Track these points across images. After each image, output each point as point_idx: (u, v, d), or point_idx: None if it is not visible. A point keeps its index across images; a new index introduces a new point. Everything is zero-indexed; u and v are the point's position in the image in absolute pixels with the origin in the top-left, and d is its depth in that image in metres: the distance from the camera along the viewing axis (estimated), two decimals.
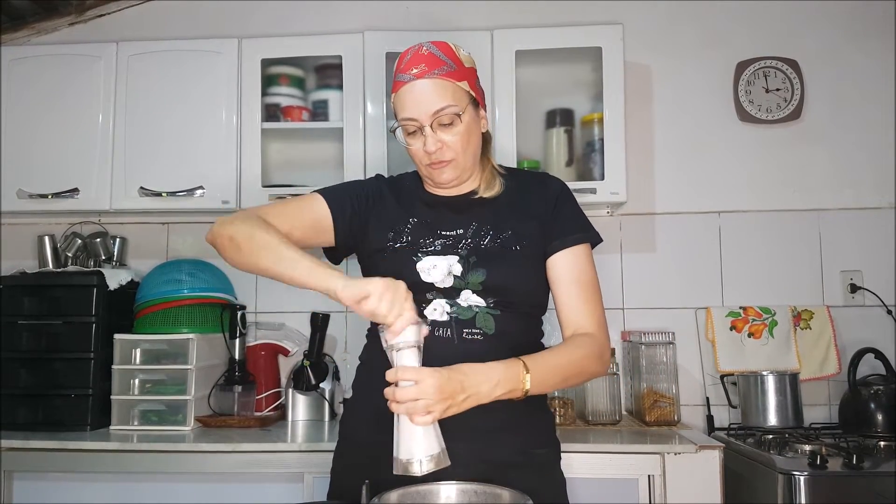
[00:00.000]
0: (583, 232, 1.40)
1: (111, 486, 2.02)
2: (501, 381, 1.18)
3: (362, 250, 1.44)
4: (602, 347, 1.34)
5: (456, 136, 1.34)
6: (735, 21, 2.55)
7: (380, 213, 1.42)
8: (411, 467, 1.07)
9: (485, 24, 2.40)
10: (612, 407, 2.20)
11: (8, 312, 2.24)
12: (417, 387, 1.08)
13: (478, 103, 1.39)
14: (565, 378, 1.31)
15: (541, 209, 1.41)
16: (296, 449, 1.99)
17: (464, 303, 1.31)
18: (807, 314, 2.41)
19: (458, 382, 1.13)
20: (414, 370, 1.10)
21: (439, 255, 1.34)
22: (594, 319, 1.35)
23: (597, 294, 1.38)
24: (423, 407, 1.08)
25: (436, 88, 1.32)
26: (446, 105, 1.31)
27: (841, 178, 2.48)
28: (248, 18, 2.64)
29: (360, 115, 2.32)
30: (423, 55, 1.33)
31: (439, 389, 1.09)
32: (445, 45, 1.37)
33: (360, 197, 1.44)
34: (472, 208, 1.41)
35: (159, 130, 2.35)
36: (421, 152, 1.35)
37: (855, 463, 1.79)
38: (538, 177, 1.50)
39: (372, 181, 1.51)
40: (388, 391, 1.10)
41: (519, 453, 1.30)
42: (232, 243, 1.28)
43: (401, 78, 1.35)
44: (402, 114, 1.35)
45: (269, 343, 2.44)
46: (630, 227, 2.51)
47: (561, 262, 1.37)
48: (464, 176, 1.41)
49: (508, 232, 1.37)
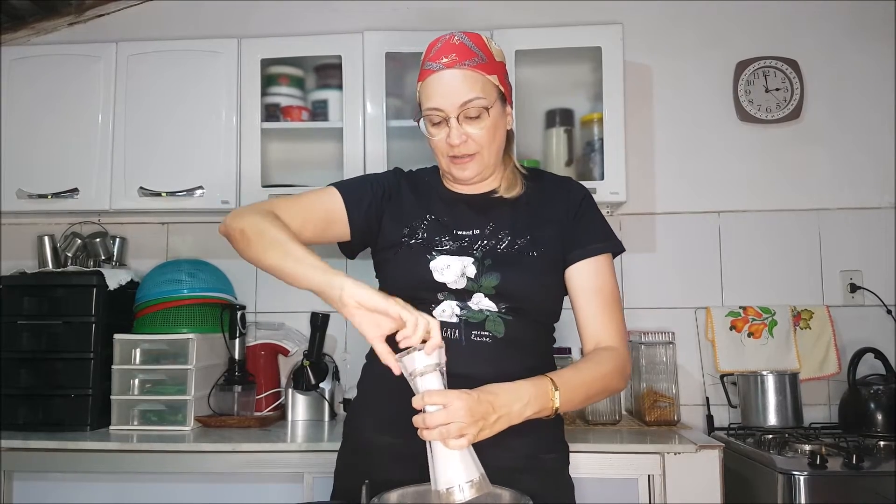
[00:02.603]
0: (605, 241, 1.37)
1: (111, 486, 2.02)
2: (531, 400, 1.14)
3: (376, 244, 1.40)
4: (625, 362, 1.31)
5: (482, 131, 1.30)
6: (735, 21, 2.55)
7: (396, 208, 1.39)
8: (452, 497, 1.00)
9: (485, 24, 2.39)
10: (611, 407, 2.20)
11: (8, 312, 2.24)
12: (447, 410, 1.03)
13: (505, 99, 1.35)
14: (590, 396, 1.27)
15: (561, 215, 1.37)
16: (296, 449, 1.99)
17: (475, 306, 1.29)
18: (807, 314, 2.41)
19: (488, 403, 1.08)
20: (441, 393, 1.04)
21: (454, 255, 1.31)
22: (616, 332, 1.32)
23: (618, 305, 1.34)
24: (457, 430, 1.03)
25: (465, 79, 1.28)
26: (475, 97, 1.28)
27: (841, 178, 2.48)
28: (247, 18, 2.64)
29: (359, 115, 2.32)
30: (454, 45, 1.30)
31: (470, 411, 1.04)
32: (478, 36, 1.33)
33: (376, 190, 1.40)
34: (491, 208, 1.38)
35: (159, 130, 2.35)
36: (444, 144, 1.32)
37: (855, 463, 1.79)
38: (561, 181, 1.45)
39: (390, 174, 1.46)
40: (417, 419, 1.04)
41: (526, 458, 1.27)
42: (243, 236, 1.25)
43: (429, 66, 1.30)
44: (427, 103, 1.31)
45: (269, 343, 2.44)
46: (630, 227, 2.51)
47: (582, 271, 1.34)
48: (485, 173, 1.37)
49: (527, 237, 1.33)
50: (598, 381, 1.26)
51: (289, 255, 1.19)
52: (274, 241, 1.22)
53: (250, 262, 1.27)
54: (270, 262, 1.21)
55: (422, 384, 1.05)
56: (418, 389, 1.06)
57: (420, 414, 1.05)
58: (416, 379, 1.05)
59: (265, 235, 1.23)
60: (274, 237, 1.22)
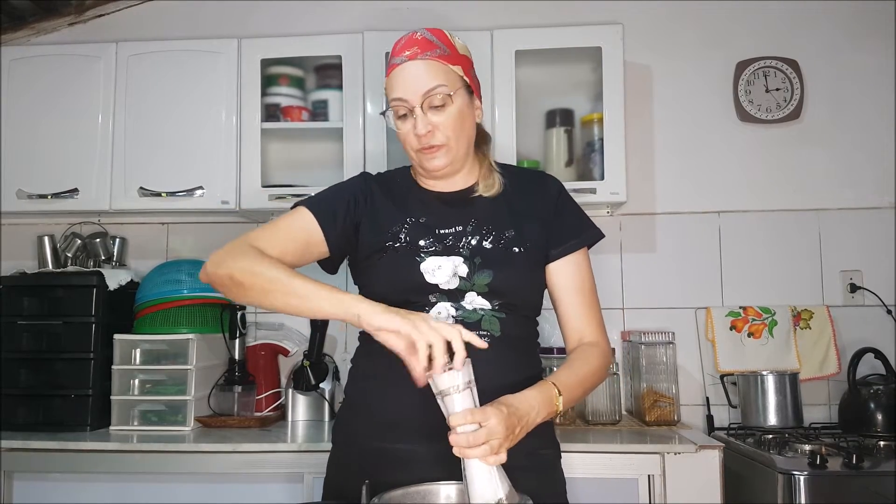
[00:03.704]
0: (581, 235, 1.39)
1: (111, 486, 2.02)
2: (541, 407, 1.18)
3: (356, 253, 1.39)
4: (607, 356, 1.37)
5: (447, 119, 1.31)
6: (735, 21, 2.55)
7: (372, 214, 1.38)
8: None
9: (485, 24, 2.40)
10: (611, 407, 2.20)
11: (8, 312, 2.24)
12: (487, 429, 1.04)
13: (472, 91, 1.37)
14: (584, 393, 1.33)
15: (542, 211, 1.39)
16: (296, 449, 1.99)
17: (469, 306, 1.29)
18: (807, 314, 2.41)
19: (515, 416, 1.11)
20: (480, 412, 1.05)
21: (441, 255, 1.31)
22: (598, 327, 1.37)
23: (596, 299, 1.40)
24: (497, 447, 1.05)
25: (427, 69, 1.30)
26: (437, 85, 1.29)
27: (841, 178, 2.48)
28: (247, 18, 2.64)
29: (359, 115, 2.32)
30: (416, 39, 1.32)
31: (507, 427, 1.07)
32: (440, 31, 1.36)
33: (348, 200, 1.38)
34: (470, 204, 1.39)
35: (159, 130, 2.35)
36: (411, 136, 1.33)
37: (855, 463, 1.79)
38: (535, 175, 1.48)
39: (358, 180, 1.44)
40: (457, 439, 1.03)
41: (526, 455, 1.26)
42: (233, 282, 1.22)
43: (393, 61, 1.33)
44: (392, 94, 1.32)
45: (269, 343, 2.44)
46: (630, 227, 2.51)
47: (562, 270, 1.37)
48: (456, 164, 1.37)
49: (511, 232, 1.34)
50: (590, 379, 1.31)
51: (291, 293, 1.17)
52: (270, 280, 1.19)
53: (248, 304, 1.26)
54: (274, 305, 1.20)
55: (458, 403, 1.04)
56: (451, 408, 1.05)
57: (459, 433, 1.04)
58: (449, 397, 1.04)
59: (258, 277, 1.20)
60: (269, 277, 1.19)
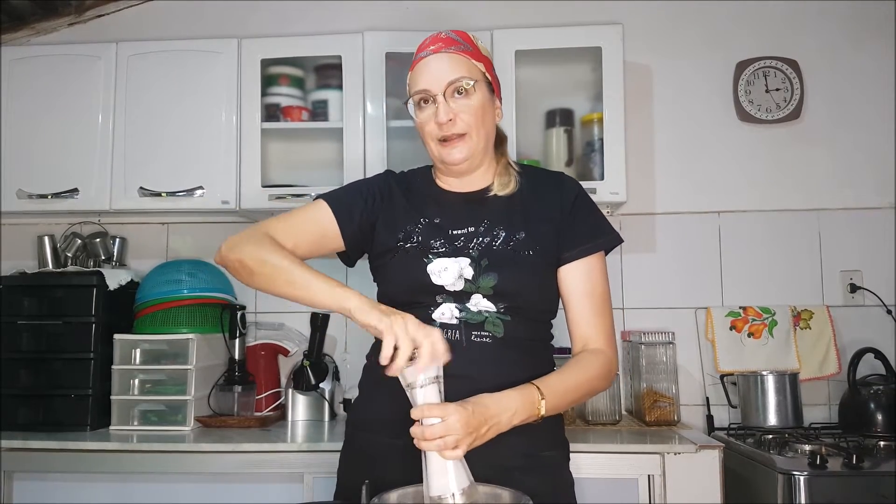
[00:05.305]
0: (597, 240, 1.37)
1: (111, 486, 2.02)
2: (519, 409, 1.18)
3: (372, 251, 1.41)
4: (611, 365, 1.34)
5: (469, 108, 1.33)
6: (735, 21, 2.55)
7: (389, 212, 1.40)
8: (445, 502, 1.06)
9: (485, 24, 2.39)
10: (611, 407, 2.20)
11: (8, 312, 2.24)
12: (445, 423, 1.07)
13: (493, 90, 1.39)
14: (575, 399, 1.32)
15: (556, 213, 1.37)
16: (296, 449, 1.99)
17: (473, 307, 1.29)
18: (807, 314, 2.41)
19: (481, 416, 1.12)
20: (439, 407, 1.08)
21: (450, 256, 1.31)
22: (604, 335, 1.34)
23: (608, 306, 1.37)
24: (453, 442, 1.07)
25: (451, 61, 1.34)
26: (460, 76, 1.32)
27: (841, 178, 2.48)
28: (247, 18, 2.64)
29: (359, 115, 2.32)
30: (440, 38, 1.37)
31: (466, 424, 1.08)
32: (464, 33, 1.40)
33: (367, 197, 1.41)
34: (485, 205, 1.39)
35: (159, 130, 2.35)
36: (432, 124, 1.34)
37: (855, 463, 1.79)
38: (553, 176, 1.46)
39: (380, 178, 1.47)
40: (415, 430, 1.08)
41: (525, 456, 1.28)
42: (243, 267, 1.28)
43: (418, 56, 1.37)
44: (415, 87, 1.36)
45: (269, 343, 2.44)
46: (630, 227, 2.50)
47: (573, 273, 1.35)
48: (475, 160, 1.38)
49: (522, 234, 1.34)
50: (583, 386, 1.30)
51: (293, 282, 1.23)
52: (276, 268, 1.25)
53: (255, 289, 1.31)
54: (278, 291, 1.26)
55: (420, 396, 1.09)
56: (415, 401, 1.09)
57: (418, 425, 1.08)
58: (416, 391, 1.09)
59: (266, 264, 1.26)
60: (275, 265, 1.25)
